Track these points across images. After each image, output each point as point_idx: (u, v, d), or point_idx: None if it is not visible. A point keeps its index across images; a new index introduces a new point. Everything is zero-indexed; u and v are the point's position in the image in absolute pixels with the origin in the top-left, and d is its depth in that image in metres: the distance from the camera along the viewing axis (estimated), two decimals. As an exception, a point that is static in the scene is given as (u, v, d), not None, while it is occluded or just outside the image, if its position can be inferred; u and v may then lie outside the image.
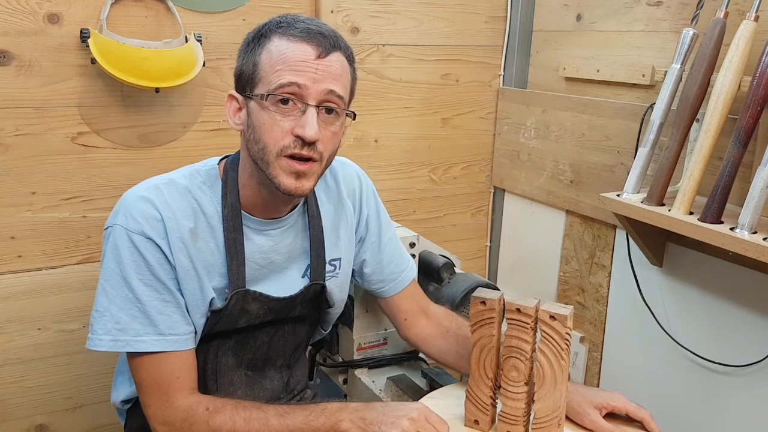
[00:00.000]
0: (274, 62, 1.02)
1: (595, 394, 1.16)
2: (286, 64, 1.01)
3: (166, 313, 1.07)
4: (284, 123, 1.02)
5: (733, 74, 1.27)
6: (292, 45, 1.02)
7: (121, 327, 1.05)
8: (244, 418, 1.03)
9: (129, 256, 1.05)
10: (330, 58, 1.03)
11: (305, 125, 1.01)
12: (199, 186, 1.12)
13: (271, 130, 1.02)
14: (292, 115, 1.02)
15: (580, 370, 1.84)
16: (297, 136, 1.02)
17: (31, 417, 1.63)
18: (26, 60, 1.45)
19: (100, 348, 1.05)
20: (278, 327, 1.23)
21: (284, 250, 1.18)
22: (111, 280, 1.06)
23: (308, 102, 1.02)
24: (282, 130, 1.02)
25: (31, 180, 1.51)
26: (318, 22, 1.06)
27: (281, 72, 1.01)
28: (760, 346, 1.40)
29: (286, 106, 1.02)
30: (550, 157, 1.88)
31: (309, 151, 1.03)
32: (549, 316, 1.02)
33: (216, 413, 1.04)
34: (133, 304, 1.05)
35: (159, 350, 1.06)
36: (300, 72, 1.01)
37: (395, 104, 1.91)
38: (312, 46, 1.02)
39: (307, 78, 1.01)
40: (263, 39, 1.05)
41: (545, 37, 1.95)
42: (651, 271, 1.61)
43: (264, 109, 1.03)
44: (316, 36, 1.03)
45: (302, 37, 1.02)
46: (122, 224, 1.06)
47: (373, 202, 1.32)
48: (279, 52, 1.02)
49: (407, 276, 1.34)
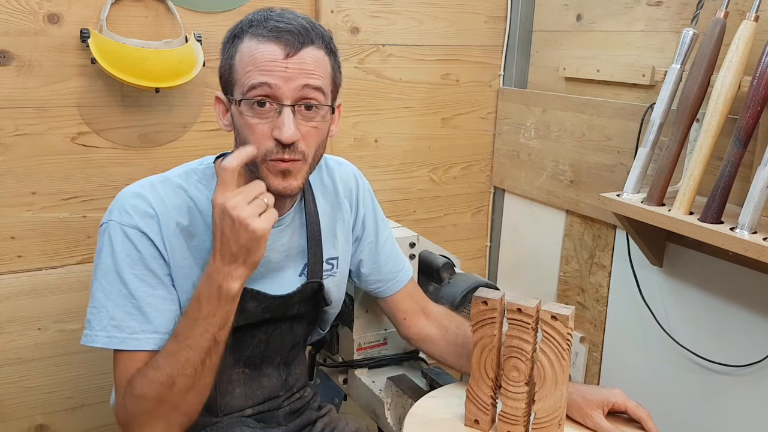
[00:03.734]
0: (245, 64, 1.01)
1: (595, 392, 1.16)
2: (255, 65, 1.00)
3: (160, 310, 1.06)
4: (263, 126, 1.01)
5: (733, 74, 1.27)
6: (261, 45, 1.01)
7: (116, 324, 1.04)
8: (154, 367, 1.01)
9: (123, 250, 1.05)
10: (300, 54, 1.01)
11: (281, 127, 1.00)
12: (195, 185, 1.12)
13: (251, 134, 1.02)
14: (269, 117, 1.01)
15: (580, 370, 1.84)
16: (276, 140, 1.01)
17: (31, 417, 1.63)
18: (26, 60, 1.45)
19: (95, 344, 1.05)
20: (276, 325, 1.22)
21: (281, 248, 1.18)
22: (107, 275, 1.05)
23: (283, 102, 1.01)
24: (262, 133, 1.01)
25: (31, 180, 1.51)
26: (290, 17, 1.03)
27: (251, 74, 1.00)
28: (760, 346, 1.40)
29: (262, 108, 1.01)
30: (550, 157, 1.88)
31: (290, 153, 1.02)
32: (550, 316, 1.02)
33: (132, 381, 1.02)
34: (128, 300, 1.05)
35: (153, 348, 1.05)
36: (269, 72, 1.00)
37: (395, 104, 1.91)
38: (279, 46, 1.00)
39: (277, 77, 1.00)
40: (236, 39, 1.03)
41: (545, 37, 1.95)
42: (651, 271, 1.61)
43: (242, 114, 1.02)
44: (283, 34, 1.01)
45: (270, 37, 1.01)
46: (117, 219, 1.06)
47: (369, 201, 1.32)
48: (249, 54, 1.01)
49: (405, 275, 1.35)
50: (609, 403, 1.14)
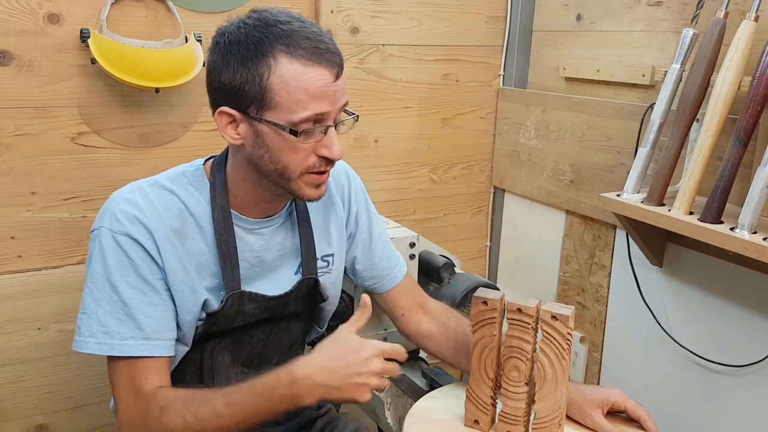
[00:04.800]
0: (292, 90, 0.98)
1: (595, 392, 1.16)
2: (308, 93, 0.98)
3: (152, 317, 1.06)
4: (306, 145, 1.03)
5: (733, 74, 1.27)
6: (309, 70, 0.98)
7: (106, 330, 1.04)
8: (194, 413, 1.01)
9: (114, 258, 1.05)
10: (342, 74, 1.03)
11: (331, 147, 1.03)
12: (185, 187, 1.11)
13: (293, 153, 1.02)
14: (314, 137, 1.03)
15: (580, 370, 1.84)
16: (322, 157, 1.04)
17: (31, 417, 1.63)
18: (26, 60, 1.45)
19: (86, 350, 1.05)
20: (274, 325, 1.23)
21: (275, 248, 1.18)
22: (97, 282, 1.05)
23: (329, 123, 1.02)
24: (305, 152, 1.03)
25: (31, 180, 1.51)
26: (319, 32, 1.01)
27: (305, 103, 0.99)
28: (760, 346, 1.40)
29: (310, 130, 1.02)
30: (550, 157, 1.88)
31: (329, 165, 1.06)
32: (551, 316, 1.02)
33: (166, 411, 1.02)
34: (119, 307, 1.05)
35: (144, 354, 1.05)
36: (323, 99, 1.00)
37: (395, 104, 1.91)
38: (328, 69, 0.99)
39: (329, 103, 1.01)
40: (265, 57, 0.98)
41: (545, 37, 1.95)
42: (651, 271, 1.61)
43: (283, 137, 1.01)
44: (326, 54, 0.99)
45: (315, 60, 0.98)
46: (107, 226, 1.05)
47: (362, 198, 1.32)
48: (295, 79, 0.98)
49: (399, 271, 1.35)
50: (608, 402, 1.14)
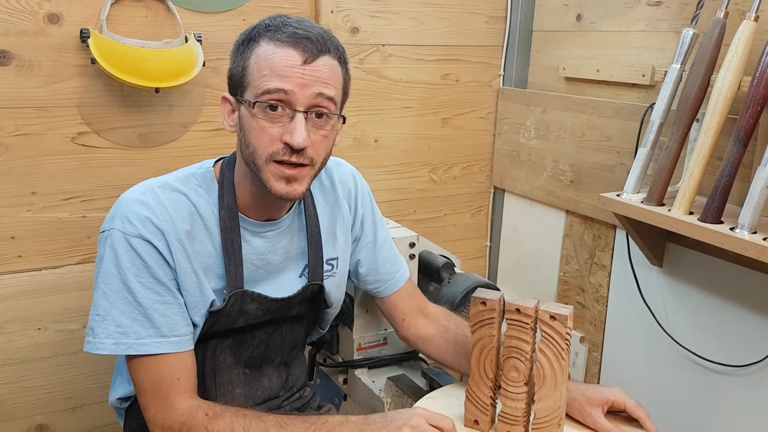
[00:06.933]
0: (261, 67, 1.02)
1: (594, 391, 1.16)
2: (272, 69, 1.01)
3: (167, 315, 1.07)
4: (273, 129, 1.02)
5: (733, 74, 1.27)
6: (279, 50, 1.01)
7: (123, 330, 1.05)
8: (243, 427, 1.02)
9: (128, 259, 1.05)
10: (317, 62, 1.02)
11: (293, 132, 1.01)
12: (195, 189, 1.12)
13: (260, 136, 1.02)
14: (281, 122, 1.02)
15: (580, 370, 1.84)
16: (285, 143, 1.02)
17: (31, 417, 1.63)
18: (26, 60, 1.45)
19: (103, 351, 1.05)
20: (276, 326, 1.23)
21: (281, 251, 1.18)
22: (111, 283, 1.06)
23: (296, 108, 1.01)
24: (271, 136, 1.02)
25: (31, 180, 1.51)
26: (308, 25, 1.04)
27: (267, 77, 1.01)
28: (760, 346, 1.40)
29: (275, 112, 1.02)
30: (550, 157, 1.88)
31: (298, 157, 1.03)
32: (549, 316, 1.02)
33: (215, 419, 1.03)
34: (134, 307, 1.05)
35: (161, 352, 1.06)
36: (286, 78, 1.00)
37: (395, 104, 1.91)
38: (298, 52, 1.01)
39: (293, 83, 1.01)
40: (252, 42, 1.04)
41: (545, 37, 1.95)
42: (651, 271, 1.61)
43: (252, 116, 1.03)
44: (302, 41, 1.01)
45: (289, 42, 1.01)
46: (119, 228, 1.06)
47: (368, 202, 1.32)
48: (266, 57, 1.01)
49: (402, 276, 1.35)
50: (608, 401, 1.14)
